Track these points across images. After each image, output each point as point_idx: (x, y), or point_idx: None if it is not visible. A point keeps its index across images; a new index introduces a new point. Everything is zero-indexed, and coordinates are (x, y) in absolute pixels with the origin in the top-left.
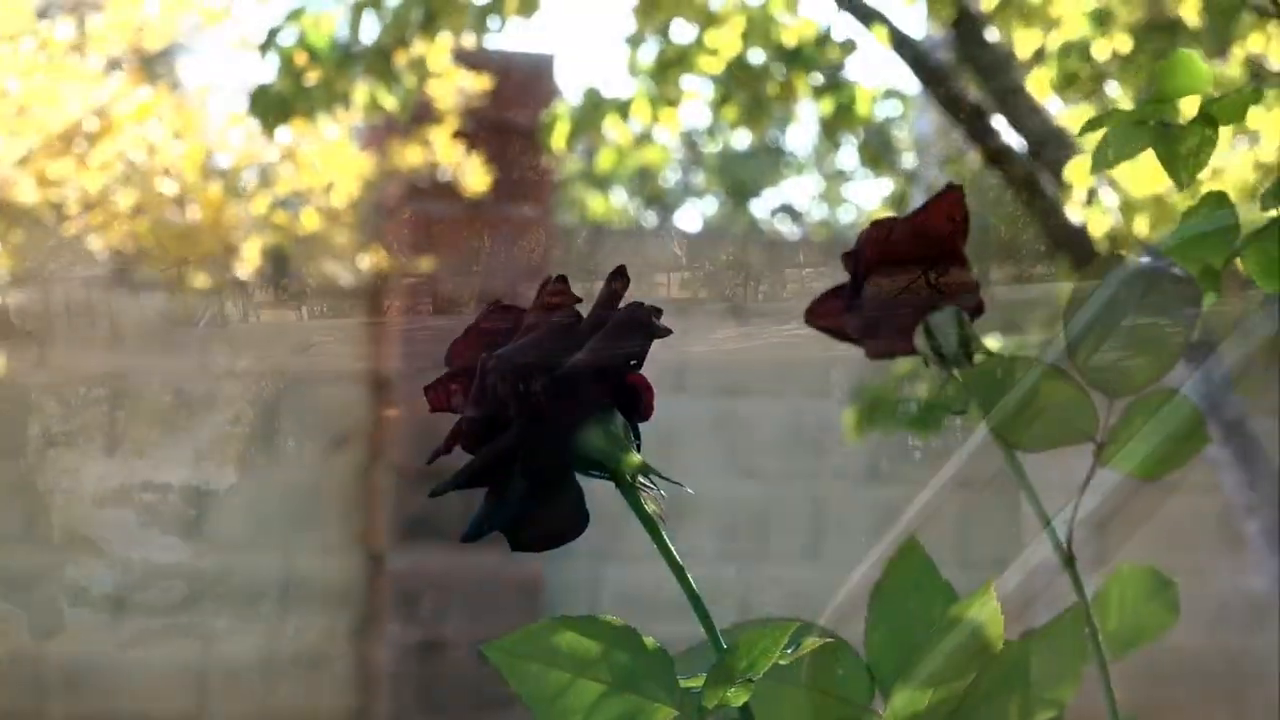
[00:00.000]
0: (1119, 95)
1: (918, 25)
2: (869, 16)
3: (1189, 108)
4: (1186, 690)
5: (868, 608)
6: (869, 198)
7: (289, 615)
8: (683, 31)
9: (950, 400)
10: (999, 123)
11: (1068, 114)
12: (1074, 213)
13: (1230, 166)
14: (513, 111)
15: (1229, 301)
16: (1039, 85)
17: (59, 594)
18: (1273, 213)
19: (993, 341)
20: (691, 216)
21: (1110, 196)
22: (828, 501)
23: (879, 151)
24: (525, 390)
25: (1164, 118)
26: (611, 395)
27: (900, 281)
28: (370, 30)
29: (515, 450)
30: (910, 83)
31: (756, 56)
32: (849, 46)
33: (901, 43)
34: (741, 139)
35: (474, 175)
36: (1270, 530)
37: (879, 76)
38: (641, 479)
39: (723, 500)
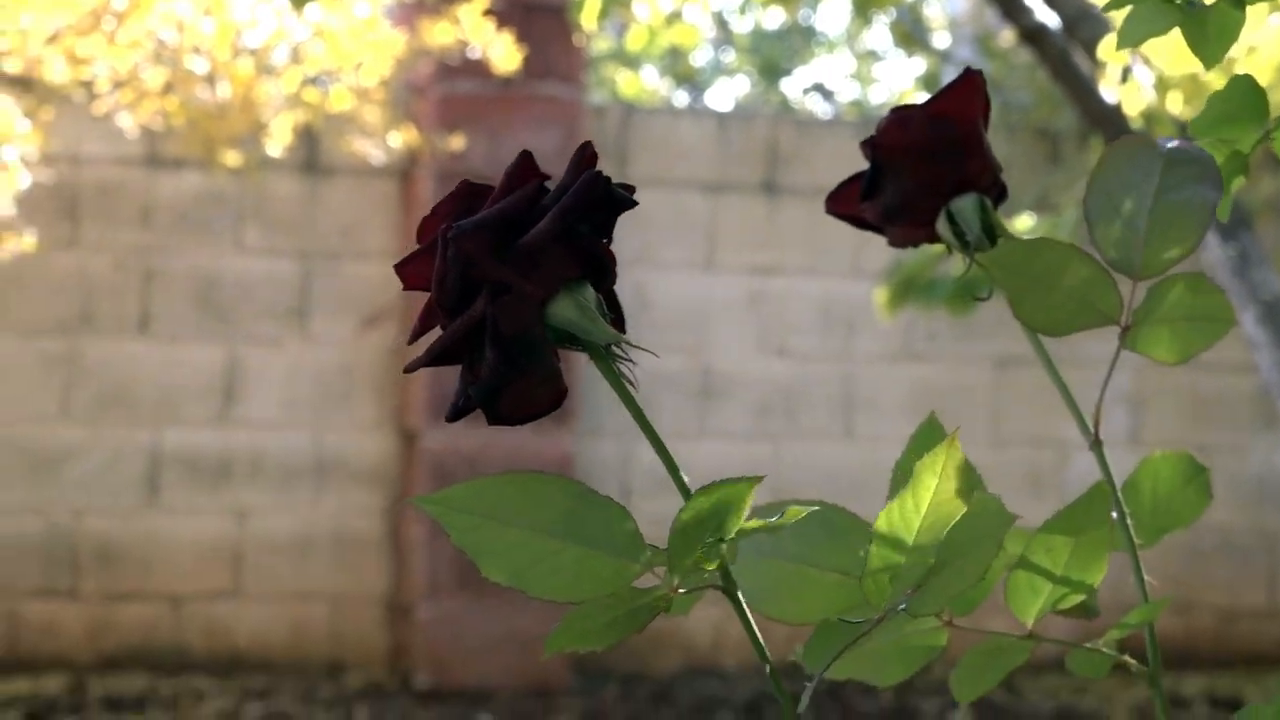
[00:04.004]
0: None
1: None
2: None
3: None
4: (1223, 567)
5: (889, 485)
6: (901, 77)
7: (323, 493)
8: None
9: (974, 285)
10: (1032, 0)
11: None
12: (1109, 91)
13: (1266, 44)
14: None
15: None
16: None
17: (92, 472)
18: None
19: (1023, 222)
20: (723, 96)
21: (1145, 75)
22: (860, 380)
23: (911, 30)
24: (486, 260)
25: None
26: (580, 267)
27: (921, 168)
28: None
29: (482, 321)
30: None
31: None
32: None
33: None
34: (773, 18)
35: (504, 54)
36: None
37: None
38: (615, 349)
39: (755, 379)
